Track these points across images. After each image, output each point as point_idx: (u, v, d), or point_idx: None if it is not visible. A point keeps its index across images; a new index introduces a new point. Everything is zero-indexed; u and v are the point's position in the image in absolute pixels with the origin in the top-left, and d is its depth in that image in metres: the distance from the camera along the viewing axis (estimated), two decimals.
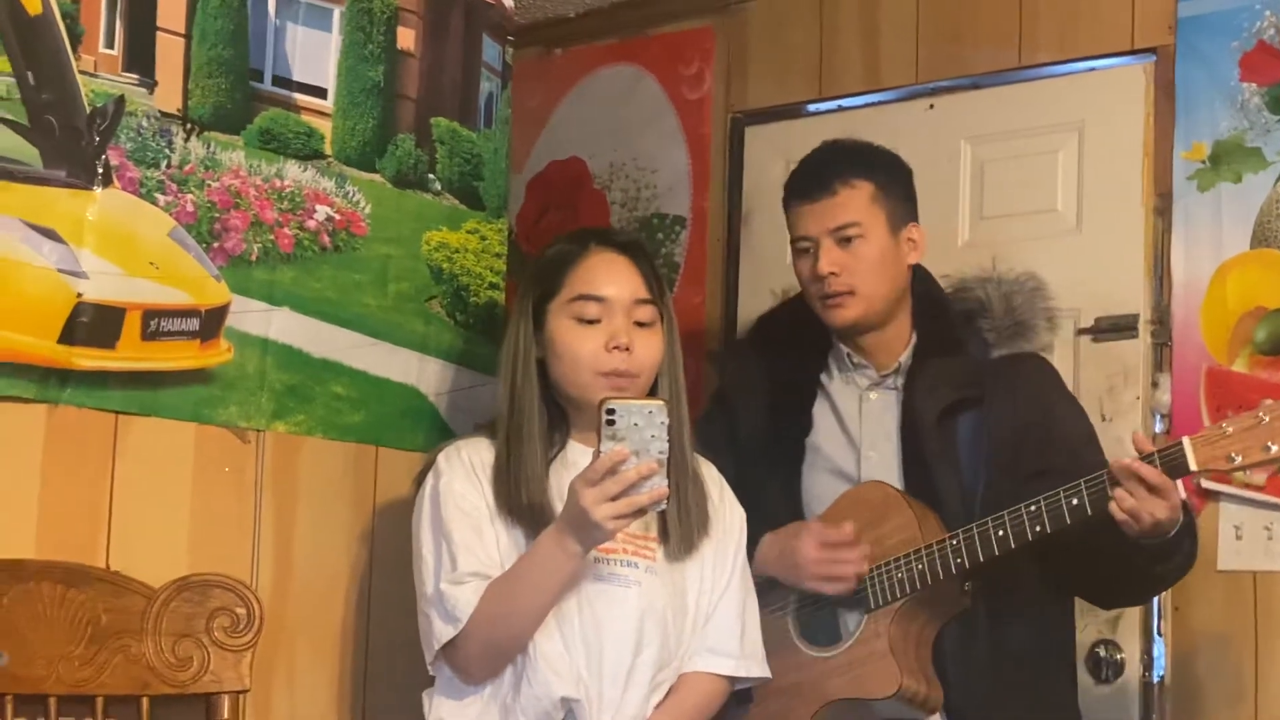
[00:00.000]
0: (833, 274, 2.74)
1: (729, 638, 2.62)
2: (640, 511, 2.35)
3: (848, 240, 2.75)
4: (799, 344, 2.87)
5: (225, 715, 2.56)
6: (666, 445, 2.31)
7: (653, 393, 2.59)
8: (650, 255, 2.70)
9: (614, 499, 2.32)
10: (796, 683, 2.71)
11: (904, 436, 2.74)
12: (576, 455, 2.58)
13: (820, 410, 2.84)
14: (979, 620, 2.67)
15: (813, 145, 2.91)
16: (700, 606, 2.60)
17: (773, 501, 2.80)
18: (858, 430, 2.79)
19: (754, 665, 2.64)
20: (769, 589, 2.74)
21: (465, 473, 2.56)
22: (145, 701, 2.51)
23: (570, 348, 2.57)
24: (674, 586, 2.57)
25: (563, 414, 2.62)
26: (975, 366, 2.76)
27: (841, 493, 2.75)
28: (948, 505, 2.67)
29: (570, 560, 2.41)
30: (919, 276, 2.85)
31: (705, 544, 2.61)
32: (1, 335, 2.49)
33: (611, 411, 2.31)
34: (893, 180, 2.82)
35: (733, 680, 2.63)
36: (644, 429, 2.31)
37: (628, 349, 2.55)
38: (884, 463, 2.75)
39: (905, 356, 2.79)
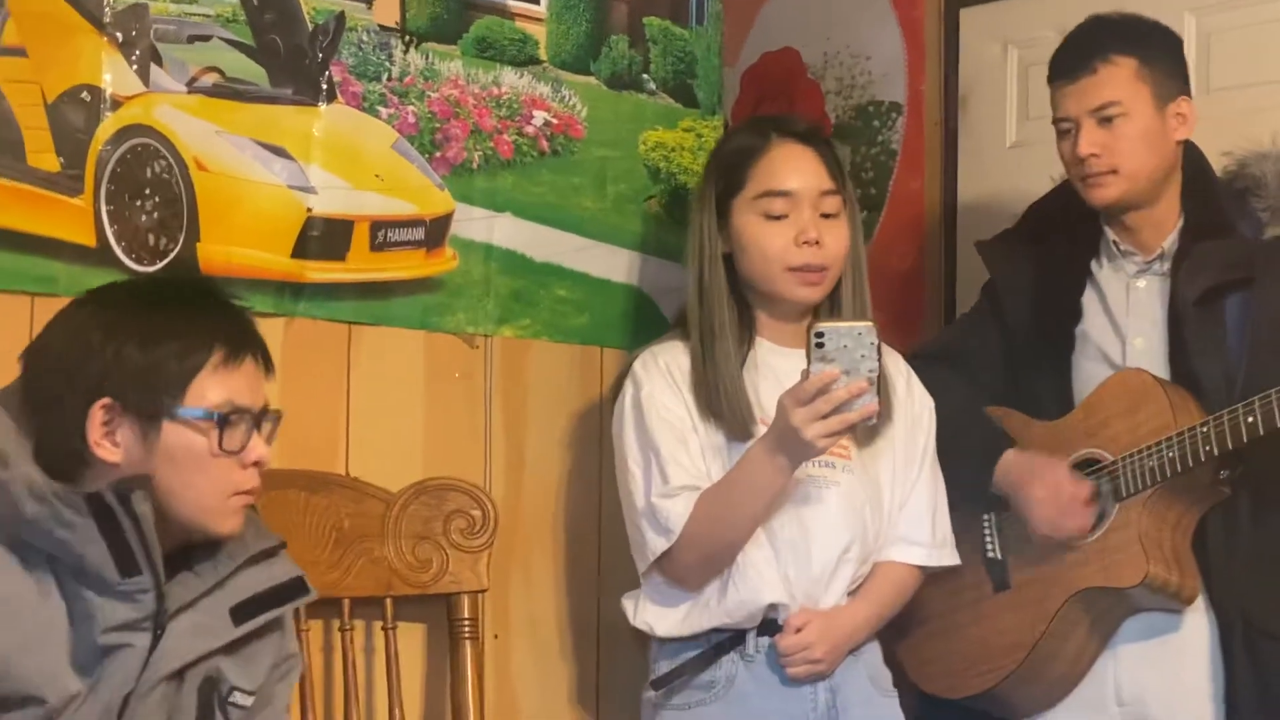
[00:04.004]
0: (1093, 155, 2.64)
1: (921, 528, 2.63)
2: (850, 428, 2.36)
3: (1109, 120, 2.64)
4: (1068, 232, 2.79)
5: (466, 614, 2.64)
6: (876, 364, 2.31)
7: (838, 289, 2.59)
8: (831, 142, 2.68)
9: (824, 417, 2.33)
10: (1052, 570, 2.69)
11: (1170, 322, 2.66)
12: (766, 354, 2.60)
13: (1089, 299, 2.76)
14: (1241, 511, 2.59)
15: (1029, 25, 2.84)
16: (894, 497, 2.62)
17: (1042, 391, 2.77)
18: (1124, 319, 2.73)
19: (945, 554, 2.66)
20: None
21: (665, 381, 2.58)
22: (389, 602, 2.60)
23: (759, 244, 2.57)
24: (870, 481, 2.59)
25: (749, 309, 2.62)
26: (1245, 247, 2.64)
27: None
28: (1209, 391, 2.59)
29: (780, 475, 2.44)
30: (1190, 155, 2.72)
31: (895, 435, 2.61)
32: (239, 251, 2.57)
33: (820, 334, 2.32)
34: (1159, 53, 2.70)
35: (924, 569, 2.64)
36: (853, 349, 2.31)
37: (817, 243, 2.54)
38: (1150, 350, 2.68)
39: (1171, 240, 2.69)
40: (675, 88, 3.16)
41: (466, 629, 2.64)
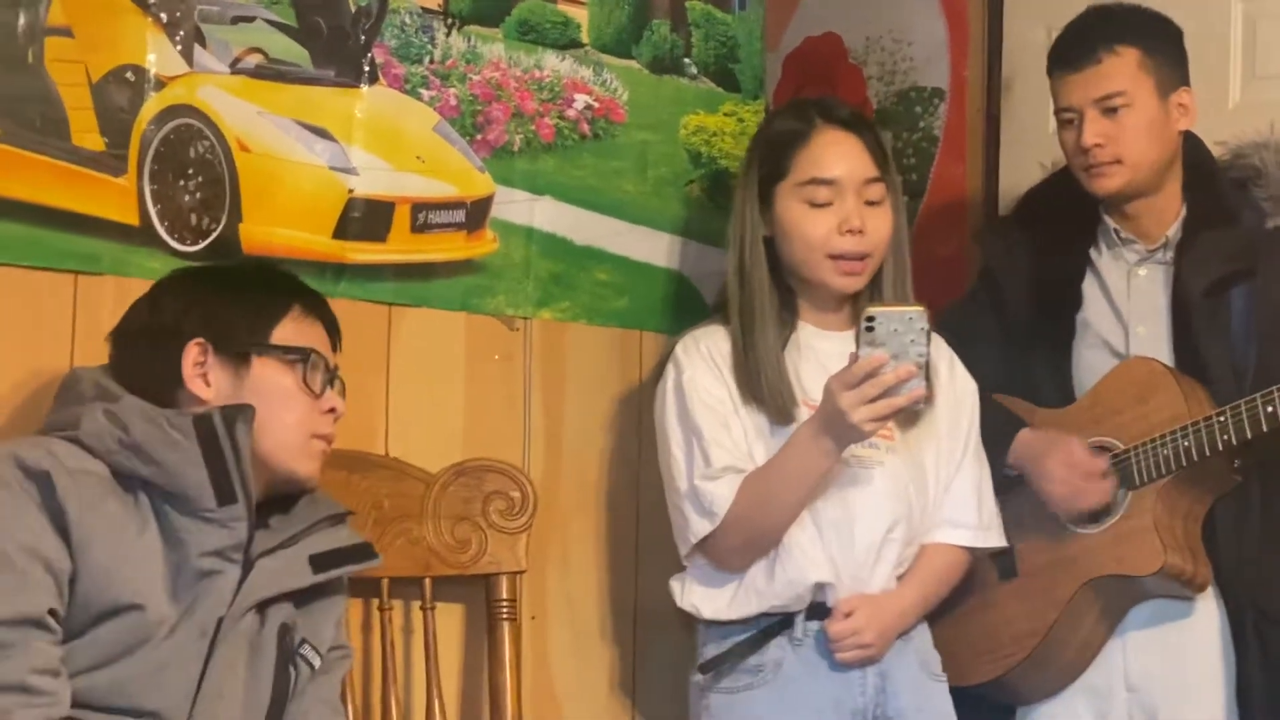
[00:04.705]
0: (1097, 145, 2.67)
1: (967, 509, 2.64)
2: (897, 413, 2.36)
3: (1113, 110, 2.67)
4: (1067, 219, 2.80)
5: (504, 595, 2.64)
6: (926, 349, 2.32)
7: (879, 276, 2.59)
8: (875, 127, 2.68)
9: (871, 402, 2.33)
10: (1061, 558, 2.70)
11: (1173, 312, 2.68)
12: (808, 337, 2.61)
13: (1089, 286, 2.78)
14: (1253, 498, 2.61)
15: (1074, 10, 2.83)
16: (939, 480, 2.62)
17: (1042, 378, 2.77)
18: (1126, 306, 2.74)
19: (992, 535, 2.66)
20: (1023, 481, 2.73)
21: (706, 364, 2.58)
22: (428, 582, 2.60)
23: (802, 231, 2.57)
24: (913, 463, 2.59)
25: (790, 292, 2.62)
26: (1248, 237, 2.66)
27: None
28: (1217, 381, 2.61)
29: (826, 458, 2.45)
30: (1190, 145, 2.75)
31: (938, 418, 2.61)
32: (281, 232, 2.58)
33: (871, 318, 2.33)
34: (1161, 43, 2.72)
35: (971, 550, 2.64)
36: (903, 334, 2.32)
37: (860, 231, 2.54)
38: (1153, 339, 2.70)
39: (1174, 229, 2.71)
40: (717, 72, 3.16)
41: (505, 610, 2.64)
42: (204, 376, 2.14)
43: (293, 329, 2.19)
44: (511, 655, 2.64)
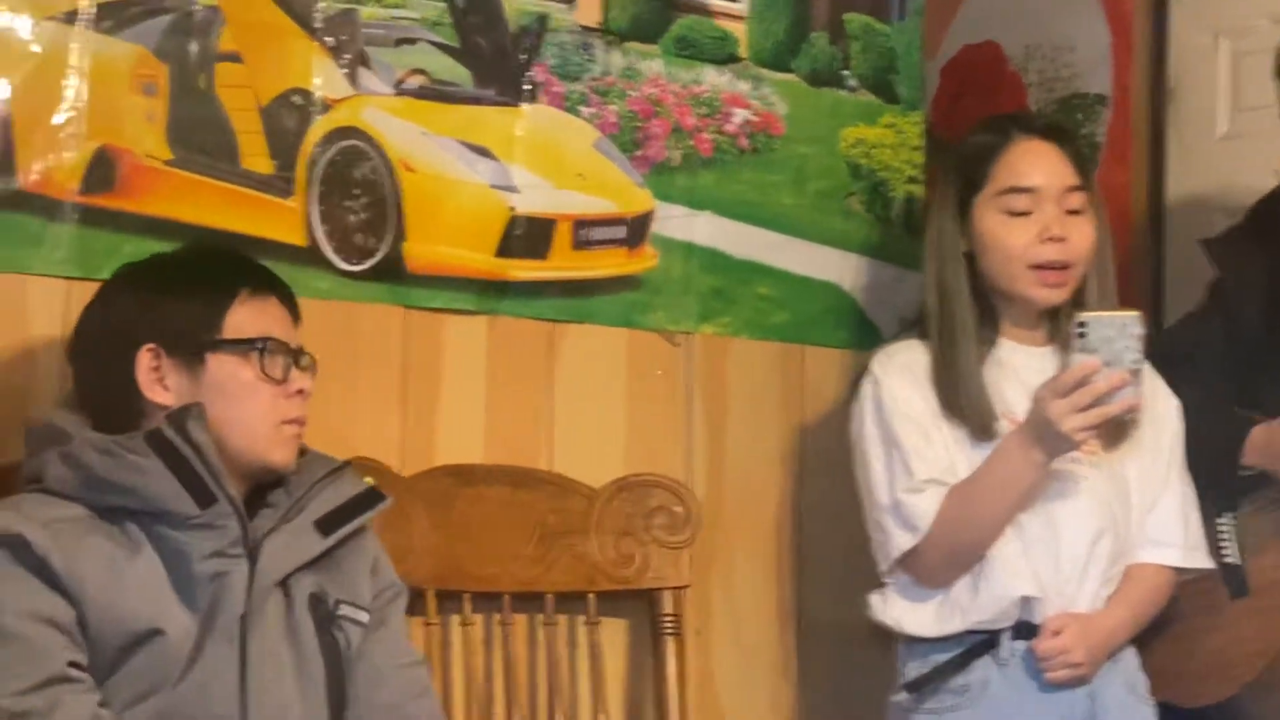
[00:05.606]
0: None
1: (1173, 529, 2.56)
2: (1109, 421, 2.32)
3: None
4: None
5: (668, 610, 2.64)
6: (1140, 356, 2.27)
7: (1083, 290, 2.53)
8: (1075, 137, 2.63)
9: (1083, 410, 2.29)
10: None
11: None
12: (1007, 353, 2.55)
13: None
14: None
15: (1242, 16, 2.78)
16: (1143, 498, 2.55)
17: (1274, 393, 2.69)
18: None
19: (1198, 556, 2.58)
20: (1262, 482, 2.64)
21: (905, 377, 2.53)
22: (592, 597, 2.62)
23: (1002, 241, 2.52)
24: (1117, 480, 2.52)
25: (990, 307, 2.58)
26: None
27: None
28: None
29: (1034, 470, 2.40)
30: None
31: (1142, 435, 2.54)
32: (445, 251, 2.62)
33: (1083, 324, 2.28)
34: None
35: (1179, 571, 2.57)
36: (1116, 340, 2.27)
37: (1062, 239, 2.50)
38: None
39: None
40: (875, 84, 3.14)
41: (668, 625, 2.64)
42: (161, 382, 2.07)
43: (244, 315, 2.10)
44: (676, 670, 2.64)
